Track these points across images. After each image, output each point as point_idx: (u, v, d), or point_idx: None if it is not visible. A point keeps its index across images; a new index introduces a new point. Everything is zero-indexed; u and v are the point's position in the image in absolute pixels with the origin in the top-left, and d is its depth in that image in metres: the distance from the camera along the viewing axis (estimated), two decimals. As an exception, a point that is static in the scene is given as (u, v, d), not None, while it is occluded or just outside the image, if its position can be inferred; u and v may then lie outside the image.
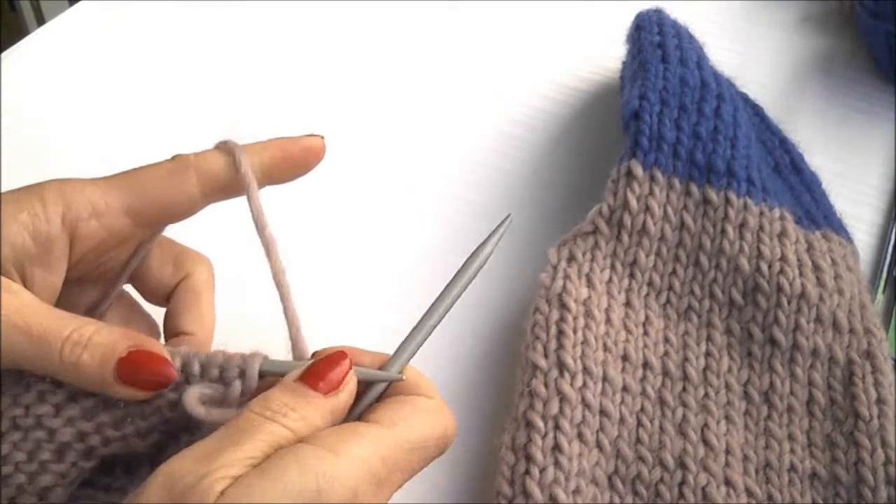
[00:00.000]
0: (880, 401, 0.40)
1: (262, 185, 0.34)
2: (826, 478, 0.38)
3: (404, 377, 0.31)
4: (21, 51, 0.63)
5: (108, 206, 0.32)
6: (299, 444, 0.27)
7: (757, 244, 0.43)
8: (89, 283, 0.36)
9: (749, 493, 0.38)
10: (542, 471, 0.36)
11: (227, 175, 0.33)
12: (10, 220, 0.31)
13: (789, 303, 0.42)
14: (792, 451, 0.39)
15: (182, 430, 0.31)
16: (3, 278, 0.30)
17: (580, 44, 0.65)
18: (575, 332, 0.40)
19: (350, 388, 0.30)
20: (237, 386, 0.30)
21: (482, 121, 0.59)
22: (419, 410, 0.30)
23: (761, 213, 0.44)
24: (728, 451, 0.39)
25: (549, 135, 0.58)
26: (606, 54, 0.60)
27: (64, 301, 0.33)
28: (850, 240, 0.47)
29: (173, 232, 0.36)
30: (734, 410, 0.40)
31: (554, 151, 0.57)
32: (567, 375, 0.39)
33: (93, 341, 0.30)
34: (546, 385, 0.39)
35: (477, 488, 0.41)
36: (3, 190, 0.32)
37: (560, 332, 0.40)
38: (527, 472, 0.36)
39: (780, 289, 0.42)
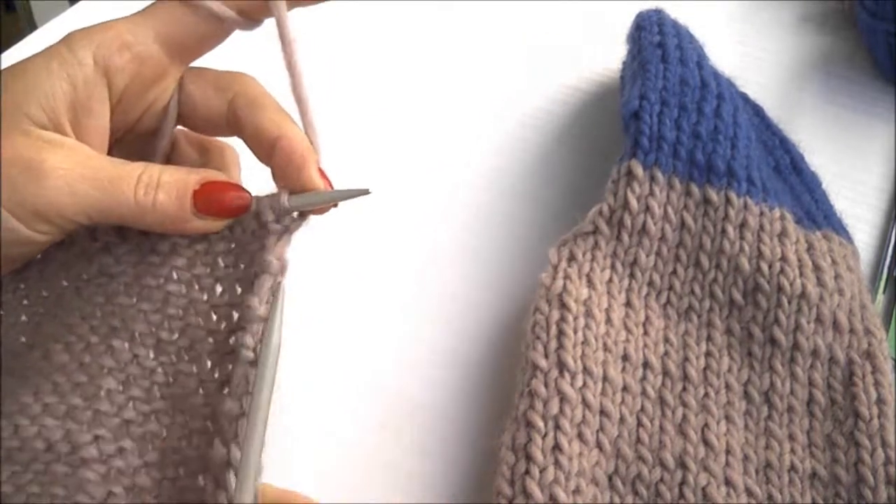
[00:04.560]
0: (880, 401, 0.40)
1: (289, 7, 0.33)
2: (826, 478, 0.38)
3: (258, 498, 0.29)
4: (21, 51, 0.63)
5: (137, 36, 0.32)
6: None
7: (757, 244, 0.43)
8: (140, 142, 0.35)
9: (749, 493, 0.38)
10: (542, 471, 0.36)
11: None
12: (41, 73, 0.30)
13: (790, 303, 0.42)
14: (792, 451, 0.39)
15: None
16: (56, 136, 0.30)
17: (580, 44, 0.65)
18: (575, 332, 0.40)
19: None
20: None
21: (481, 120, 0.59)
22: None
23: (761, 213, 0.44)
24: (728, 451, 0.39)
25: (548, 135, 0.58)
26: (606, 54, 0.60)
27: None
28: (850, 240, 0.47)
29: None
30: (734, 410, 0.40)
31: (554, 151, 0.57)
32: (567, 375, 0.39)
33: (163, 180, 0.30)
34: (546, 385, 0.39)
35: (477, 488, 0.41)
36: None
37: (560, 332, 0.40)
38: (527, 471, 0.36)
39: (780, 289, 0.42)
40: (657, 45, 0.51)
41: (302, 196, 0.32)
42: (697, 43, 0.53)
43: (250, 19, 0.34)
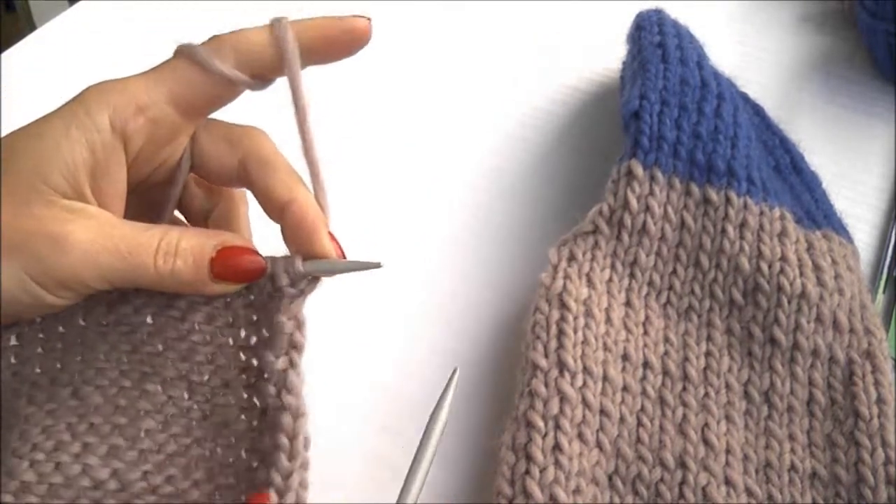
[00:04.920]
0: (880, 401, 0.40)
1: (302, 65, 0.33)
2: (826, 477, 0.38)
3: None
4: (21, 51, 0.63)
5: (151, 98, 0.32)
6: None
7: (757, 244, 0.43)
8: (153, 191, 0.35)
9: (749, 492, 0.38)
10: (543, 471, 0.36)
11: (266, 52, 0.33)
12: (61, 140, 0.31)
13: (789, 302, 0.42)
14: (792, 450, 0.39)
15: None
16: (78, 204, 0.31)
17: (580, 44, 0.65)
18: (575, 331, 0.40)
19: None
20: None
21: (481, 120, 0.59)
22: None
23: (761, 213, 0.44)
24: (728, 451, 0.39)
25: (549, 135, 0.58)
26: (606, 54, 0.60)
27: (132, 216, 0.33)
28: (850, 240, 0.47)
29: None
30: (734, 410, 0.40)
31: (554, 151, 0.57)
32: (567, 375, 0.39)
33: (181, 246, 0.31)
34: (546, 385, 0.39)
35: (477, 488, 0.41)
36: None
37: (560, 332, 0.40)
38: (527, 471, 0.36)
39: (780, 288, 0.42)
40: (657, 45, 0.51)
41: (316, 263, 0.33)
42: (697, 43, 0.53)
43: (262, 80, 0.34)
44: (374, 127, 0.59)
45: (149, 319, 0.33)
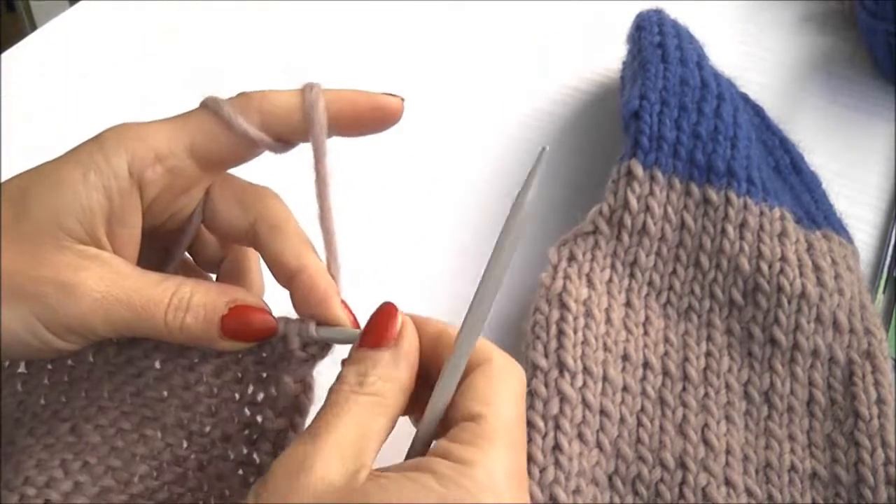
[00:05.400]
0: (880, 401, 0.40)
1: (328, 135, 0.33)
2: (826, 478, 0.38)
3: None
4: (21, 51, 0.63)
5: (171, 148, 0.32)
6: (431, 459, 0.28)
7: (757, 244, 0.43)
8: (165, 237, 0.35)
9: (749, 493, 0.38)
10: (542, 471, 0.36)
11: (293, 117, 0.32)
12: (78, 185, 0.31)
13: (789, 303, 0.42)
14: (792, 451, 0.39)
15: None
16: (92, 249, 0.31)
17: (580, 44, 0.65)
18: (575, 332, 0.40)
19: (407, 332, 0.31)
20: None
21: (482, 121, 0.59)
22: (497, 383, 0.30)
23: (761, 213, 0.44)
24: (728, 451, 0.39)
25: (549, 135, 0.58)
26: (606, 54, 0.60)
27: (142, 259, 0.33)
28: (850, 240, 0.47)
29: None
30: (734, 410, 0.40)
31: (554, 151, 0.57)
32: (567, 375, 0.39)
33: (193, 302, 0.31)
34: (546, 385, 0.39)
35: (477, 488, 0.40)
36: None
37: (560, 332, 0.40)
38: (527, 472, 0.36)
39: (780, 289, 0.42)
40: (657, 45, 0.51)
41: (330, 330, 0.33)
42: (697, 43, 0.53)
43: (284, 143, 0.33)
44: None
45: (157, 364, 0.33)
